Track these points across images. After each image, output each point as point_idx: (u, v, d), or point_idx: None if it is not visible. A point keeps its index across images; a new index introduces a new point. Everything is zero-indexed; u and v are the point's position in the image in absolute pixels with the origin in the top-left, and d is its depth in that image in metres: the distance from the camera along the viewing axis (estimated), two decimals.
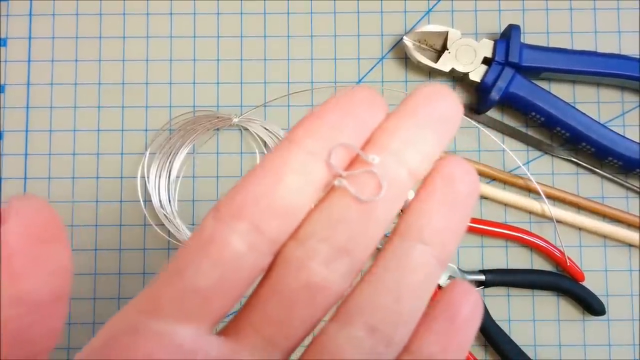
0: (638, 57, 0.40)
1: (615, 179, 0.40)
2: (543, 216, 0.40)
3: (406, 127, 0.16)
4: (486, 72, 0.39)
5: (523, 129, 0.41)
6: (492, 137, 0.40)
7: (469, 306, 0.16)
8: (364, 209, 0.15)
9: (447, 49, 0.39)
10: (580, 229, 0.40)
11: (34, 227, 0.14)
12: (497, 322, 0.39)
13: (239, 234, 0.15)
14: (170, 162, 0.41)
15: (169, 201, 0.41)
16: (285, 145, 0.16)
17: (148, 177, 0.41)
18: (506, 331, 0.39)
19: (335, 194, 0.16)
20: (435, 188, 0.16)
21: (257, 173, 0.16)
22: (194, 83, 0.42)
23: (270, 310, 0.16)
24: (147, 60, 0.42)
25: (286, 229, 0.16)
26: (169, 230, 0.40)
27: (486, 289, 0.40)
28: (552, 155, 0.41)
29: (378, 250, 0.16)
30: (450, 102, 0.16)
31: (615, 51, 0.41)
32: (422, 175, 0.16)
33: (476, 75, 0.39)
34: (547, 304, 0.40)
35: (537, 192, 0.40)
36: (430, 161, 0.16)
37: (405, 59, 0.42)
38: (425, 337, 0.16)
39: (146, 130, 0.42)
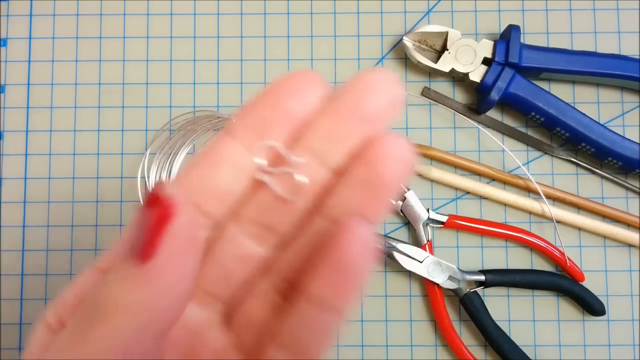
0: (638, 57, 0.41)
1: (615, 179, 0.40)
2: (543, 216, 0.40)
3: (331, 126, 0.17)
4: (486, 73, 0.39)
5: (523, 129, 0.41)
6: (492, 137, 0.40)
7: (357, 249, 0.16)
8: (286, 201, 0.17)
9: (447, 49, 0.39)
10: (580, 229, 0.40)
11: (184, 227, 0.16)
12: (497, 322, 0.39)
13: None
14: (170, 162, 0.41)
15: None
16: (222, 136, 0.17)
17: (148, 177, 0.41)
18: (506, 331, 0.39)
19: (264, 185, 0.18)
20: (353, 168, 0.17)
21: (198, 163, 0.17)
22: (194, 83, 0.42)
23: (211, 275, 0.18)
24: (147, 60, 0.42)
25: (224, 210, 0.18)
26: None
27: (486, 289, 0.39)
28: (552, 156, 0.41)
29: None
30: (381, 95, 0.17)
31: (615, 51, 0.41)
32: (344, 167, 0.17)
33: (476, 76, 0.39)
34: (547, 304, 0.40)
35: (537, 192, 0.40)
36: (354, 153, 0.17)
37: (405, 59, 0.42)
38: (315, 280, 0.16)
39: (146, 130, 0.42)
